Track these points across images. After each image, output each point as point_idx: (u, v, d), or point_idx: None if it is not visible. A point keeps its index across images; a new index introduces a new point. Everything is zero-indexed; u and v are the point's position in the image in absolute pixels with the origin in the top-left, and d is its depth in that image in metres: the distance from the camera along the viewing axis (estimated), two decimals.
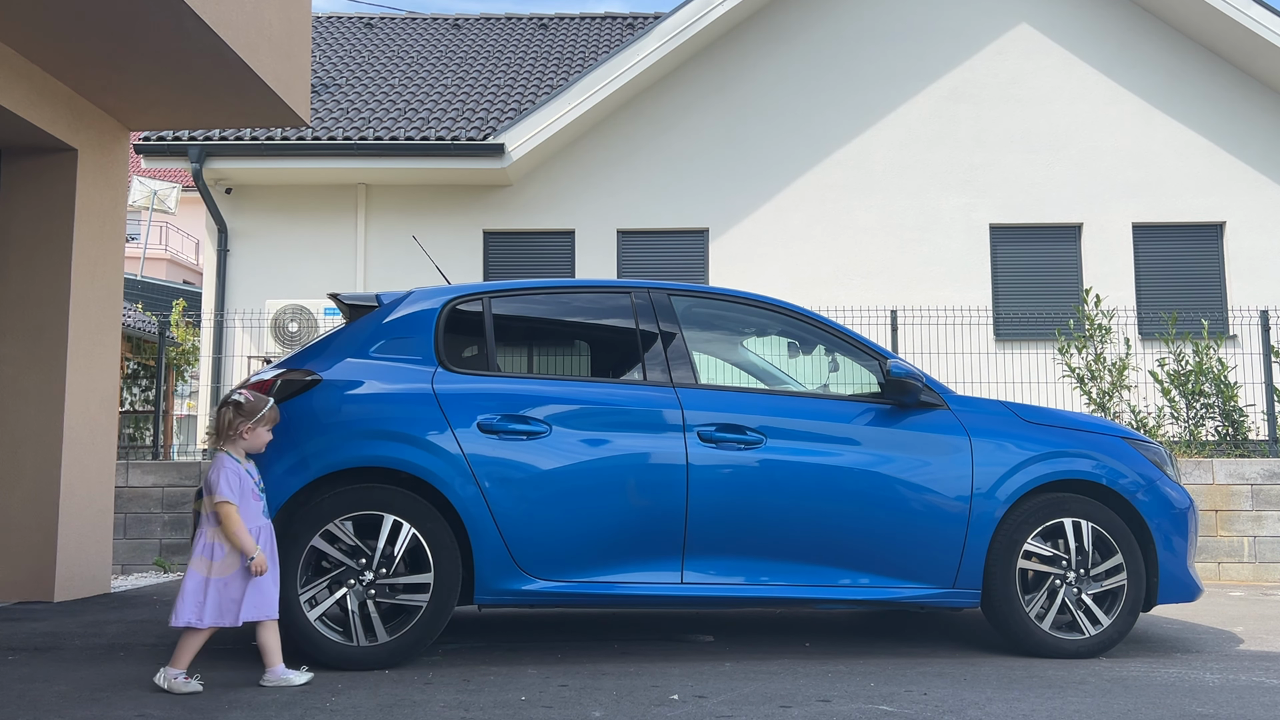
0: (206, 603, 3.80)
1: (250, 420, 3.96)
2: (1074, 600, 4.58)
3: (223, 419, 3.96)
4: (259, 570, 3.82)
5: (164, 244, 33.50)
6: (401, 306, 4.66)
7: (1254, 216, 11.55)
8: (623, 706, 3.66)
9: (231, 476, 3.87)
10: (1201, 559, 8.15)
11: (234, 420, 3.95)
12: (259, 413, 3.98)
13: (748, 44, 12.07)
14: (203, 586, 3.82)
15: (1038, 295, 11.50)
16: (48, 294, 6.45)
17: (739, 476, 4.46)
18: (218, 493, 3.83)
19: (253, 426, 3.96)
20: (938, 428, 4.63)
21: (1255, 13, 11.08)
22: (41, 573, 6.27)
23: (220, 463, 3.90)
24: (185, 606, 3.80)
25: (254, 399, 4.00)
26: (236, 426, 3.95)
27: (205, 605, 3.80)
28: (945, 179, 11.77)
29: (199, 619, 3.80)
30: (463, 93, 12.92)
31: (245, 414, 3.95)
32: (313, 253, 11.71)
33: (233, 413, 3.95)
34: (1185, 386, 9.12)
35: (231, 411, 3.96)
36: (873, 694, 3.86)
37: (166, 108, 6.78)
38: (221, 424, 3.96)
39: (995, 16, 12.03)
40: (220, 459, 3.92)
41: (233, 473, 3.88)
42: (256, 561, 3.81)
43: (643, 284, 4.90)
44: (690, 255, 11.85)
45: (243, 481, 3.90)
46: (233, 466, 3.90)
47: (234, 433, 3.95)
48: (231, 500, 3.83)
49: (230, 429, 3.95)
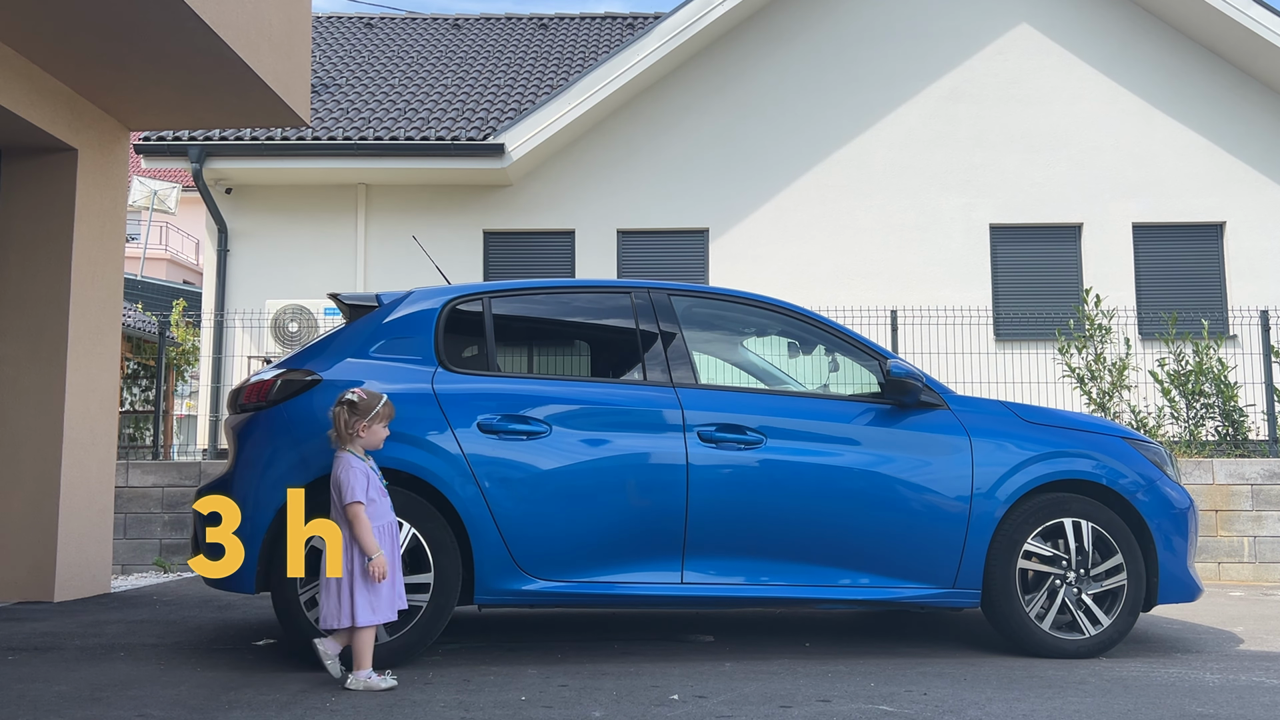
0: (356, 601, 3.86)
1: (365, 418, 3.97)
2: (1074, 600, 4.58)
3: (339, 419, 3.97)
4: (379, 574, 3.83)
5: (164, 244, 33.50)
6: (401, 306, 4.66)
7: (1254, 216, 11.55)
8: (623, 706, 3.66)
9: (359, 476, 3.89)
10: (1201, 559, 8.15)
11: (350, 419, 3.96)
12: (373, 409, 3.99)
13: (748, 44, 12.07)
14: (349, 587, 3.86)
15: (1038, 295, 11.50)
16: (48, 294, 6.45)
17: (739, 476, 4.46)
18: (348, 494, 3.85)
19: (368, 424, 3.97)
20: (938, 428, 4.63)
21: (1255, 13, 11.08)
22: (41, 573, 6.27)
23: (347, 462, 3.92)
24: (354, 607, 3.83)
25: (367, 396, 4.01)
26: (353, 425, 3.96)
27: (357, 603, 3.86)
28: (945, 179, 11.77)
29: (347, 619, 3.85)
30: (463, 93, 12.92)
31: (360, 412, 3.97)
32: (313, 253, 11.70)
33: (347, 412, 3.97)
34: (1185, 386, 9.12)
35: (346, 411, 3.97)
36: (873, 694, 3.86)
37: (166, 108, 6.79)
38: (339, 424, 3.97)
39: (995, 17, 12.02)
40: (345, 459, 3.93)
41: (360, 472, 3.90)
42: (376, 562, 3.83)
43: (643, 284, 4.90)
44: (690, 255, 11.85)
45: (369, 480, 3.93)
46: (359, 465, 3.92)
47: (351, 432, 3.96)
48: (362, 500, 3.86)
49: (348, 428, 3.96)
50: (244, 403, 4.56)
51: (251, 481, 4.32)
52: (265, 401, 4.46)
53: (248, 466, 4.36)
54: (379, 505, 3.94)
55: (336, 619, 3.84)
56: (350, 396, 3.99)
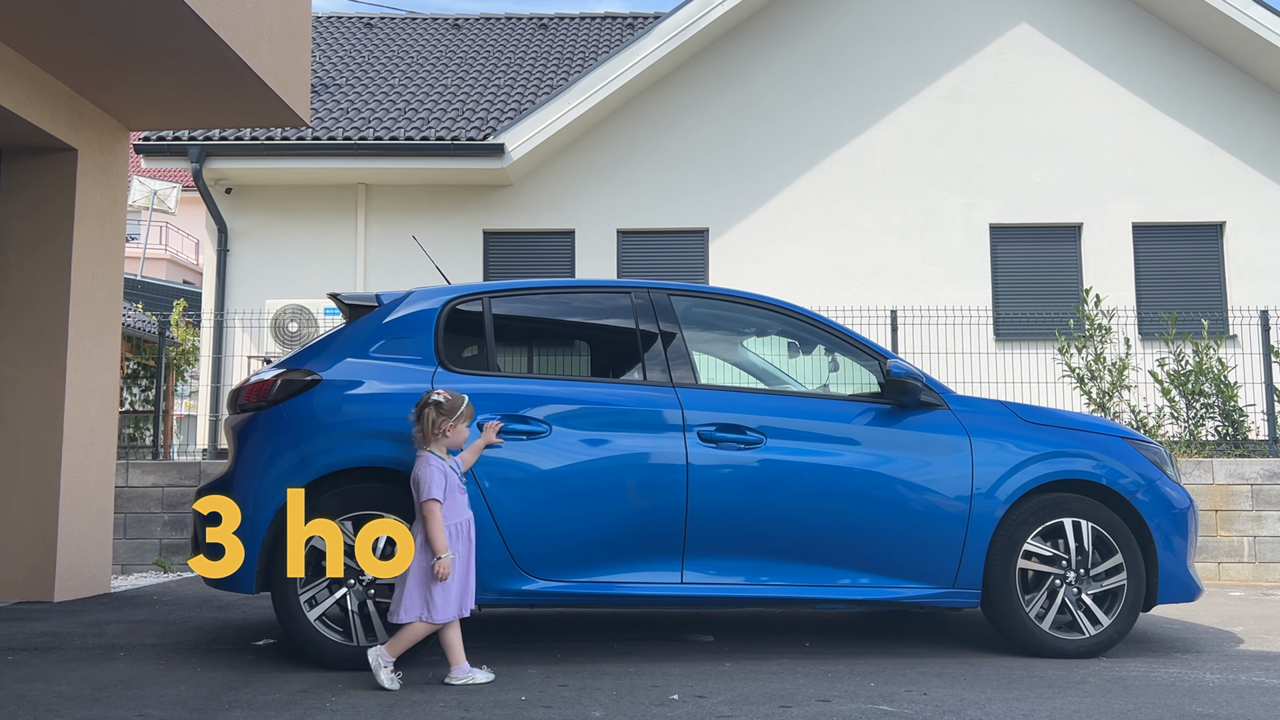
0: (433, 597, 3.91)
1: (451, 417, 4.03)
2: (1074, 600, 4.58)
3: (427, 418, 4.02)
4: (444, 574, 3.88)
5: (164, 244, 33.51)
6: (401, 306, 4.66)
7: (1254, 216, 11.55)
8: (623, 706, 3.66)
9: (438, 475, 3.95)
10: (1201, 559, 8.15)
11: (437, 419, 4.01)
12: (458, 409, 4.05)
13: (747, 44, 12.07)
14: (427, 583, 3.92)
15: (1038, 295, 11.50)
16: (48, 294, 6.45)
17: (739, 476, 4.46)
18: (425, 491, 3.91)
19: (454, 424, 4.04)
20: (938, 428, 4.63)
21: (1255, 13, 11.08)
22: (41, 573, 6.27)
23: (426, 460, 3.98)
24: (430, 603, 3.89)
25: (452, 397, 4.08)
26: (440, 425, 4.01)
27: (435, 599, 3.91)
28: (945, 179, 11.77)
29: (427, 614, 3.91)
30: (463, 93, 12.92)
31: (445, 412, 4.03)
32: (313, 253, 11.70)
33: (435, 412, 4.02)
34: (1185, 386, 9.12)
35: (434, 411, 4.02)
36: (873, 694, 3.86)
37: (166, 108, 6.79)
38: (426, 424, 4.02)
39: (995, 16, 12.02)
40: (426, 457, 3.99)
41: (439, 470, 3.96)
42: (443, 563, 3.87)
43: (643, 284, 4.89)
44: (690, 255, 11.85)
45: (448, 478, 3.98)
46: (439, 464, 3.98)
47: (438, 431, 4.01)
48: (439, 499, 3.91)
49: (434, 428, 4.01)
50: (244, 403, 4.56)
51: (251, 481, 4.31)
52: (265, 401, 4.46)
53: (248, 466, 4.36)
54: (455, 503, 4.00)
55: (407, 612, 3.89)
56: (437, 397, 4.06)
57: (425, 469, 3.95)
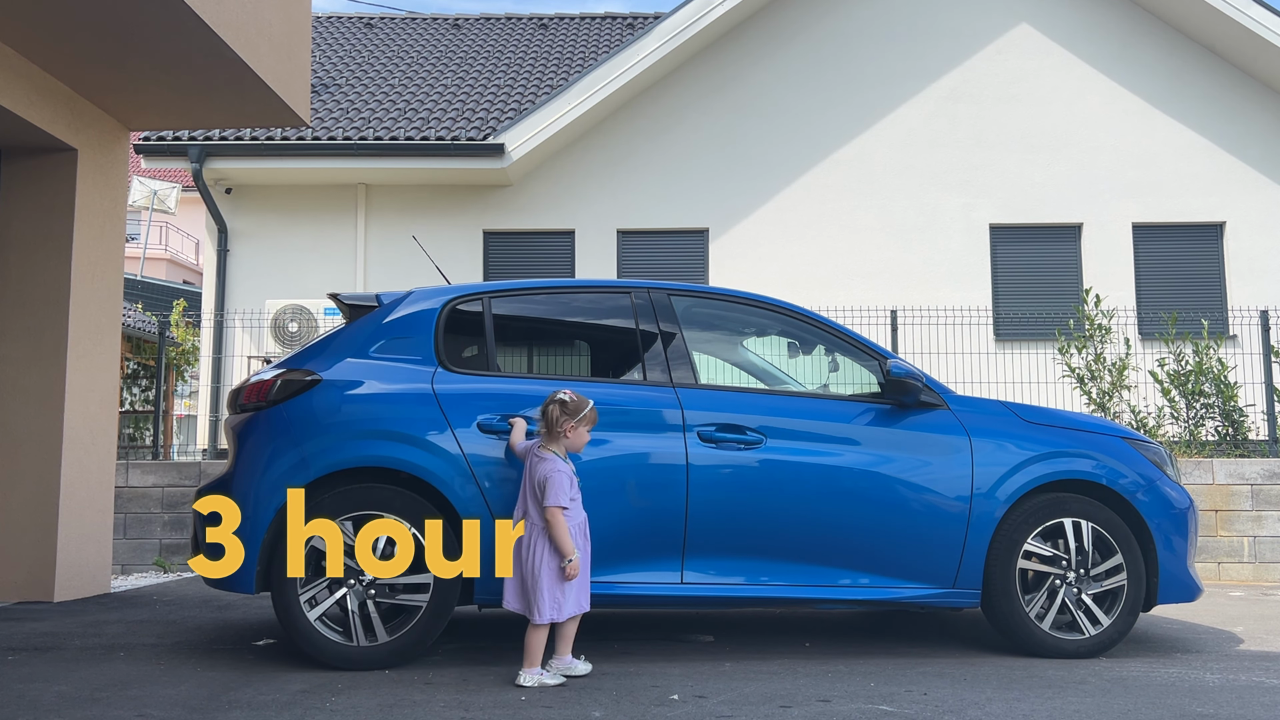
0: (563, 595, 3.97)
1: (574, 418, 4.03)
2: (1074, 600, 4.58)
3: (550, 415, 4.03)
4: (572, 574, 3.91)
5: (164, 244, 33.50)
6: (401, 306, 4.66)
7: (1254, 216, 11.55)
8: (623, 706, 3.66)
9: (564, 479, 3.95)
10: (1201, 559, 8.15)
11: (559, 418, 4.01)
12: (581, 412, 4.05)
13: (748, 44, 12.07)
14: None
15: (1038, 295, 11.50)
16: (48, 294, 6.45)
17: (739, 476, 4.46)
18: (552, 497, 3.91)
19: (575, 425, 4.03)
20: (938, 428, 4.63)
21: (1255, 13, 11.08)
22: (41, 573, 6.27)
23: (554, 465, 3.97)
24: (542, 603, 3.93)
25: (577, 399, 4.07)
26: (562, 424, 4.01)
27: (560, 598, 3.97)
28: (945, 179, 11.77)
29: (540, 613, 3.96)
30: (463, 93, 12.92)
31: (569, 412, 4.03)
32: (313, 253, 11.70)
33: (558, 410, 4.02)
34: (1185, 386, 9.12)
35: (558, 409, 4.02)
36: (873, 694, 3.86)
37: (166, 108, 6.78)
38: (549, 420, 4.02)
39: (995, 16, 12.02)
40: (552, 460, 3.99)
41: (565, 475, 3.96)
42: (573, 565, 3.90)
43: (643, 284, 4.89)
44: (690, 255, 11.85)
45: (572, 483, 3.98)
46: (564, 468, 3.98)
47: (560, 430, 4.01)
48: (565, 505, 3.92)
49: (557, 425, 4.01)
50: (244, 403, 4.56)
51: (251, 481, 4.31)
52: (265, 401, 4.46)
53: (248, 466, 4.36)
54: (575, 505, 4.00)
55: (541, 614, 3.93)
56: (563, 396, 4.06)
57: (554, 475, 3.93)
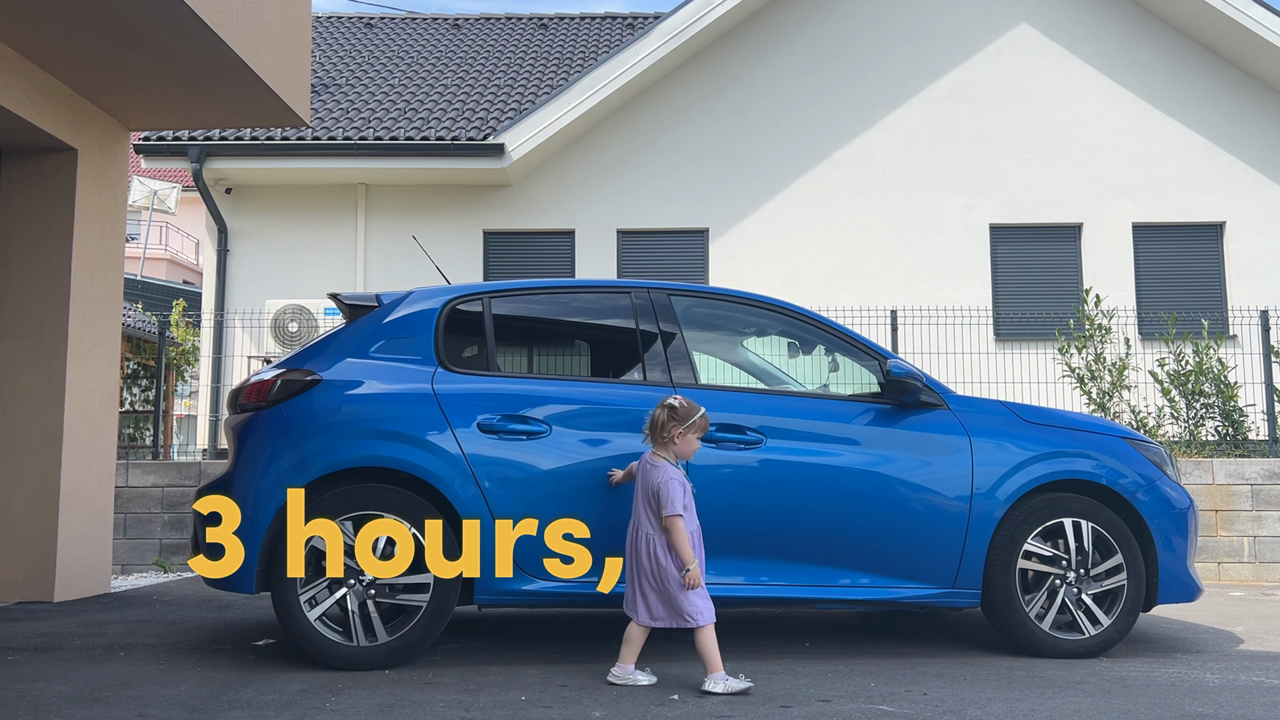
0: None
1: (683, 424, 3.96)
2: (1074, 600, 4.58)
3: (658, 420, 3.98)
4: (694, 583, 3.83)
5: (164, 244, 33.50)
6: (401, 306, 4.66)
7: (1254, 216, 11.55)
8: (623, 706, 3.66)
9: (679, 488, 3.89)
10: (1201, 559, 8.15)
11: (667, 423, 3.96)
12: (691, 418, 3.98)
13: (748, 44, 12.07)
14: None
15: (1038, 295, 11.50)
16: (48, 294, 6.45)
17: (739, 476, 4.45)
18: (669, 506, 3.85)
19: (684, 431, 3.97)
20: (938, 428, 4.63)
21: (1255, 13, 11.08)
22: (41, 573, 6.27)
23: (669, 474, 3.91)
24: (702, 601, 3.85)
25: (687, 404, 4.02)
26: (669, 429, 3.96)
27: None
28: (945, 179, 11.77)
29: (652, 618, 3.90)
30: (463, 93, 12.92)
31: (678, 418, 3.96)
32: (313, 253, 11.71)
33: (666, 415, 3.97)
34: (1185, 386, 9.12)
35: (666, 414, 3.97)
36: (873, 694, 3.86)
37: (166, 108, 6.78)
38: (656, 425, 3.97)
39: (995, 17, 12.02)
40: (666, 469, 3.93)
41: (680, 483, 3.90)
42: (693, 573, 3.82)
43: (643, 284, 4.89)
44: (690, 255, 11.85)
45: (685, 490, 3.92)
46: (678, 476, 3.92)
47: (667, 435, 3.96)
48: (681, 513, 3.86)
49: (664, 431, 3.96)
50: (244, 403, 4.56)
51: (251, 481, 4.31)
52: (265, 401, 4.46)
53: (248, 466, 4.36)
54: (690, 513, 3.94)
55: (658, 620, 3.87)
56: (673, 401, 4.00)
57: (669, 484, 3.87)
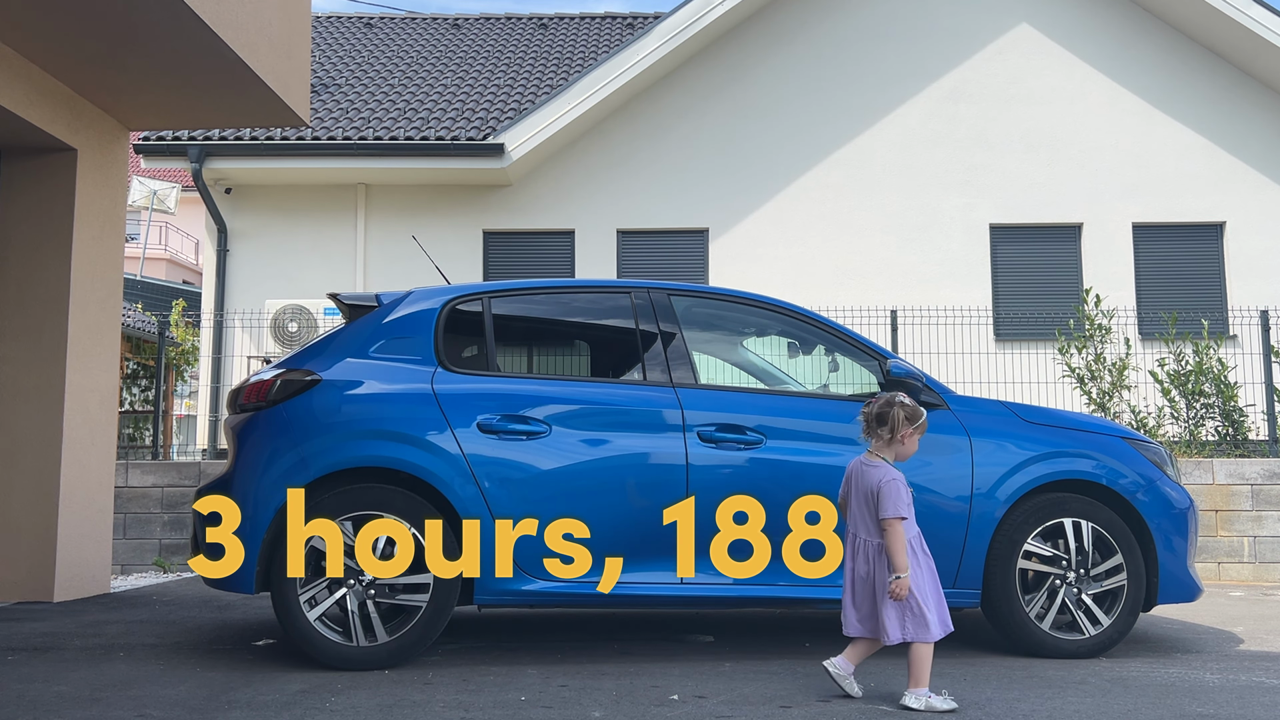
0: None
1: (913, 425, 3.81)
2: (1074, 600, 4.58)
3: (895, 418, 3.78)
4: (900, 593, 3.63)
5: (164, 244, 33.50)
6: (401, 306, 4.66)
7: (1254, 216, 11.55)
8: (623, 706, 3.66)
9: (904, 490, 3.72)
10: (1201, 559, 8.15)
11: (903, 421, 3.79)
12: (920, 419, 3.84)
13: (748, 44, 12.07)
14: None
15: (1038, 295, 11.50)
16: (48, 294, 6.45)
17: (739, 476, 4.45)
18: (892, 508, 3.67)
19: (911, 432, 3.82)
20: (938, 428, 4.62)
21: (1255, 13, 11.08)
22: (41, 573, 6.27)
23: (886, 472, 3.75)
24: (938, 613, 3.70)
25: (914, 403, 3.87)
26: (903, 428, 3.79)
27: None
28: (945, 179, 11.76)
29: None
30: (463, 93, 12.92)
31: (911, 417, 3.81)
32: (313, 253, 11.70)
33: (903, 414, 3.79)
34: (1185, 386, 9.12)
35: (902, 412, 3.79)
36: (872, 694, 3.86)
37: (166, 108, 6.78)
38: (894, 423, 3.78)
39: (995, 16, 12.02)
40: (884, 467, 3.77)
41: (900, 483, 3.72)
42: (900, 582, 3.63)
43: (643, 284, 4.89)
44: (690, 255, 11.85)
45: (907, 491, 3.75)
46: (899, 476, 3.75)
47: (899, 434, 3.79)
48: (906, 516, 3.69)
49: (900, 429, 3.78)
50: (244, 403, 4.56)
51: (251, 481, 4.31)
52: (265, 401, 4.46)
53: (247, 466, 4.36)
54: (912, 517, 3.77)
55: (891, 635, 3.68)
56: (904, 398, 3.84)
57: (894, 485, 3.69)
